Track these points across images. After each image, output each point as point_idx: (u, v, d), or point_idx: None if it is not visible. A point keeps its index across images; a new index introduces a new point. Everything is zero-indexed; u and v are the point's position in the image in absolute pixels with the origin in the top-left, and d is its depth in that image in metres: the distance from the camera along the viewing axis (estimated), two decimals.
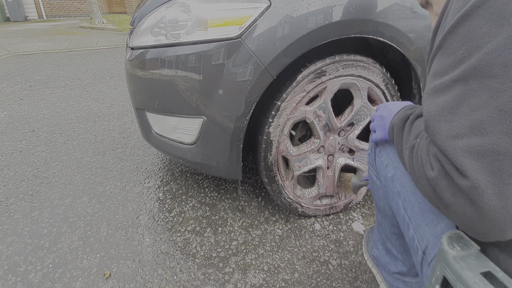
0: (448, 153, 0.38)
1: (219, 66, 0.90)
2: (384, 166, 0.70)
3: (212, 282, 0.97)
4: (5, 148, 1.82)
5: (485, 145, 0.35)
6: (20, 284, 0.96)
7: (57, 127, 2.11)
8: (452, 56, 0.39)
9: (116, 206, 1.31)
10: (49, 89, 2.94)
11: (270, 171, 1.07)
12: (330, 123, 1.05)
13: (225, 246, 1.11)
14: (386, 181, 0.69)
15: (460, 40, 0.39)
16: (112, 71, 3.63)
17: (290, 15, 0.86)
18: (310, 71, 0.95)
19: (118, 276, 0.99)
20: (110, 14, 11.81)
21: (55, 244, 1.12)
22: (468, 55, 0.38)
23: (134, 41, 1.05)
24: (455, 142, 0.38)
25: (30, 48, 5.00)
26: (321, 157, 1.13)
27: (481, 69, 0.36)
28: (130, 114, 2.33)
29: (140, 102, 1.13)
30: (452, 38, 0.40)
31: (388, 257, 0.88)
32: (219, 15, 0.90)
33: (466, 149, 0.37)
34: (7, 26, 8.51)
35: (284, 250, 1.09)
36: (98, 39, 6.00)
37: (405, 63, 1.09)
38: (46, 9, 10.92)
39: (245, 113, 0.94)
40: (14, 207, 1.31)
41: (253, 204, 1.33)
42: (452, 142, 0.38)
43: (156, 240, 1.13)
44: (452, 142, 0.38)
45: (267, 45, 0.87)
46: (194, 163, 1.10)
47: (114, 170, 1.59)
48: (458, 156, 0.37)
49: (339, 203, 1.24)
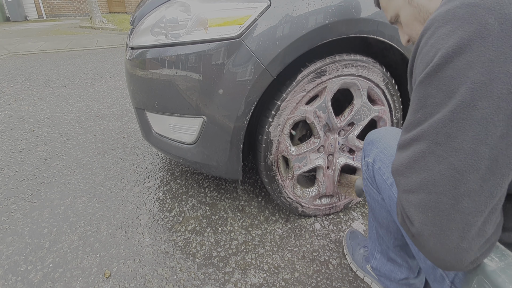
0: (403, 205, 0.45)
1: (219, 65, 0.90)
2: (388, 185, 0.68)
3: (212, 281, 0.97)
4: (5, 148, 1.82)
5: (430, 202, 0.41)
6: (21, 283, 0.96)
7: (57, 127, 2.11)
8: (413, 116, 0.44)
9: (116, 206, 1.31)
10: (49, 89, 2.94)
11: (270, 171, 1.07)
12: (330, 122, 1.05)
13: (225, 245, 1.11)
14: (392, 200, 0.67)
15: (418, 103, 0.43)
16: (112, 70, 3.63)
17: (290, 15, 0.86)
18: (310, 71, 0.95)
19: (118, 276, 0.99)
20: (110, 13, 11.81)
21: (55, 243, 1.12)
22: (423, 120, 0.42)
23: (134, 41, 1.05)
24: (408, 196, 0.44)
25: (30, 48, 5.00)
26: (321, 157, 1.13)
27: (430, 135, 0.41)
28: (130, 114, 2.33)
29: (140, 102, 1.13)
30: (414, 99, 0.44)
31: (391, 265, 0.86)
32: (219, 14, 0.90)
33: (415, 203, 0.43)
34: (7, 26, 8.51)
35: (284, 250, 1.09)
36: (98, 39, 6.00)
37: (405, 63, 1.09)
38: (46, 9, 10.92)
39: (245, 112, 0.94)
40: (14, 206, 1.31)
41: (253, 204, 1.33)
42: (406, 195, 0.44)
43: (156, 240, 1.13)
44: (406, 195, 0.44)
45: (267, 45, 0.87)
46: (194, 162, 1.10)
47: (114, 169, 1.59)
48: (410, 209, 0.44)
49: (339, 203, 1.24)
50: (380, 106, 1.09)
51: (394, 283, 0.88)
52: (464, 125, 0.38)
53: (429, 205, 0.41)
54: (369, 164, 0.75)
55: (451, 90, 0.39)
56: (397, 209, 0.48)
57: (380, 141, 0.73)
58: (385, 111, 1.10)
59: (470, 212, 0.39)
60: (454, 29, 0.39)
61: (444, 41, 0.40)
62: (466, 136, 0.38)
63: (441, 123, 0.40)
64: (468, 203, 0.39)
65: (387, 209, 0.74)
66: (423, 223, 0.42)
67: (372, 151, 0.74)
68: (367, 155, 0.76)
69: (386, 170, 0.69)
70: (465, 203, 0.39)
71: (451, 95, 0.39)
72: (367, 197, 0.81)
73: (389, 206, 0.70)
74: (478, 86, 0.37)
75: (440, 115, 0.40)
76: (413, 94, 0.44)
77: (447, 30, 0.40)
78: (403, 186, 0.45)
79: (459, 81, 0.38)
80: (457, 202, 0.40)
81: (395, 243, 0.81)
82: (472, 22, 0.37)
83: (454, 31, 0.39)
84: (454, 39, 0.38)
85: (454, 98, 0.38)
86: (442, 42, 0.40)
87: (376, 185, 0.73)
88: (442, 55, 0.39)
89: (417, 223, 0.43)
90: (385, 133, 0.75)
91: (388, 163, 0.69)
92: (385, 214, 0.76)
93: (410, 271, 0.84)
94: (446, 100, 0.39)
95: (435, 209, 0.41)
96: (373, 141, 0.75)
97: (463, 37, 0.38)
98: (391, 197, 0.67)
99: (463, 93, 0.38)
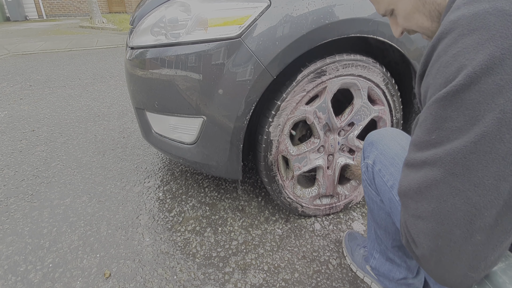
0: (410, 229, 0.43)
1: (219, 65, 0.90)
2: (388, 187, 0.67)
3: (212, 281, 0.97)
4: (5, 147, 1.82)
5: (440, 232, 0.38)
6: (20, 283, 0.96)
7: (57, 126, 2.11)
8: (427, 135, 0.39)
9: (116, 206, 1.31)
10: (49, 88, 2.93)
11: (270, 171, 1.07)
12: (330, 123, 1.05)
13: (225, 246, 1.11)
14: (392, 203, 0.66)
15: (433, 123, 0.38)
16: (112, 70, 3.63)
17: (290, 15, 0.86)
18: (310, 71, 0.94)
19: (118, 276, 0.99)
20: (110, 13, 11.80)
21: (55, 243, 1.12)
22: (438, 143, 0.38)
23: (134, 41, 1.05)
24: (417, 222, 0.41)
25: (30, 47, 5.00)
26: (321, 157, 1.13)
27: (446, 164, 0.37)
28: (130, 114, 2.33)
29: (140, 102, 1.13)
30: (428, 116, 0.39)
31: (389, 265, 0.86)
32: (219, 14, 0.90)
33: (424, 231, 0.40)
34: (7, 26, 8.50)
35: (284, 250, 1.09)
36: (98, 39, 6.00)
37: (405, 63, 1.09)
38: (46, 9, 10.92)
39: (245, 112, 0.94)
40: (14, 206, 1.31)
41: (253, 204, 1.33)
42: (414, 220, 0.41)
43: (156, 240, 1.13)
44: (414, 220, 0.41)
45: (267, 45, 0.87)
46: (194, 162, 1.10)
47: (114, 169, 1.59)
48: (418, 235, 0.41)
49: (339, 203, 1.23)
50: (380, 106, 1.09)
51: (393, 283, 0.88)
52: (486, 159, 0.34)
53: (439, 235, 0.39)
54: (368, 166, 0.74)
55: (475, 116, 0.34)
56: (401, 230, 0.46)
57: (380, 143, 0.72)
58: (385, 111, 1.10)
59: (483, 246, 0.37)
60: (483, 42, 0.33)
61: (470, 56, 0.34)
62: (488, 172, 0.34)
63: (460, 153, 0.35)
64: (482, 237, 0.36)
65: (386, 211, 0.74)
66: (431, 250, 0.40)
67: (372, 152, 0.73)
68: (367, 156, 0.75)
69: (386, 172, 0.68)
70: (479, 237, 0.37)
71: (475, 122, 0.34)
72: (366, 198, 0.81)
73: (388, 208, 0.69)
74: (508, 116, 0.32)
75: (459, 143, 0.35)
76: (428, 110, 0.39)
77: (474, 41, 0.34)
78: (411, 210, 0.42)
79: (485, 107, 0.33)
80: (470, 236, 0.37)
81: (393, 244, 0.81)
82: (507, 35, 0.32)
83: (483, 44, 0.33)
84: (483, 55, 0.33)
85: (478, 127, 0.34)
86: (467, 56, 0.34)
87: (375, 187, 0.73)
88: (468, 74, 0.34)
89: (425, 249, 0.41)
90: (386, 134, 0.74)
91: (388, 165, 0.68)
92: (383, 216, 0.76)
93: (408, 271, 0.84)
94: (468, 127, 0.34)
95: (446, 239, 0.38)
96: (373, 143, 0.75)
97: (494, 54, 0.32)
98: (391, 199, 0.66)
99: (489, 122, 0.33)
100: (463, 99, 0.34)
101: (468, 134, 0.35)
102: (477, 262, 0.38)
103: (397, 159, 0.67)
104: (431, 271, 0.42)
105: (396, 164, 0.66)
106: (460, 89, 0.34)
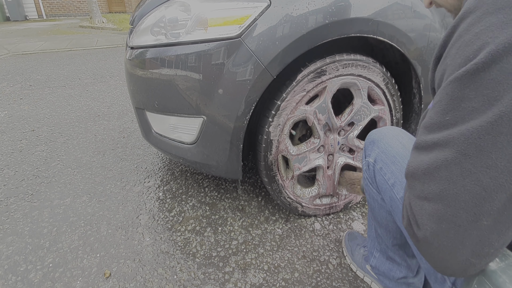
0: (414, 210, 0.42)
1: (219, 65, 0.90)
2: (389, 185, 0.67)
3: (212, 281, 0.97)
4: (5, 147, 1.82)
5: (446, 215, 0.38)
6: (20, 283, 0.96)
7: (57, 126, 2.11)
8: (441, 116, 0.38)
9: (116, 206, 1.31)
10: (49, 88, 2.93)
11: (270, 171, 1.07)
12: (330, 122, 1.05)
13: (225, 245, 1.11)
14: (393, 201, 0.66)
15: (449, 103, 0.37)
16: (112, 70, 3.62)
17: (290, 14, 0.86)
18: (310, 71, 0.95)
19: (118, 276, 0.99)
20: (110, 13, 11.80)
21: (55, 243, 1.12)
22: (452, 124, 0.37)
23: (134, 41, 1.05)
24: (422, 203, 0.41)
25: (30, 47, 4.99)
26: (321, 157, 1.13)
27: (459, 145, 0.36)
28: (130, 114, 2.33)
29: (140, 102, 1.13)
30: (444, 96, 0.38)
31: (389, 264, 0.86)
32: (219, 14, 0.90)
33: (430, 212, 0.40)
34: (7, 26, 8.50)
35: (284, 250, 1.09)
36: (98, 39, 6.00)
37: (405, 63, 1.09)
38: (46, 9, 10.92)
39: (245, 112, 0.94)
40: (14, 206, 1.31)
41: (253, 204, 1.33)
42: (420, 202, 0.41)
43: (156, 240, 1.13)
44: (420, 202, 0.41)
45: (267, 45, 0.87)
46: (194, 162, 1.10)
47: (114, 169, 1.59)
48: (422, 216, 0.41)
49: (339, 203, 1.24)
50: (380, 106, 1.09)
51: (392, 282, 0.88)
52: (502, 140, 0.33)
53: (445, 217, 0.38)
54: (370, 164, 0.74)
55: (494, 96, 0.33)
56: (403, 211, 0.46)
57: (381, 141, 0.72)
58: (385, 111, 1.10)
59: (488, 231, 0.36)
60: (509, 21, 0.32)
61: (493, 34, 0.33)
62: (502, 154, 0.33)
63: (475, 133, 0.34)
64: (489, 221, 0.36)
65: (387, 209, 0.74)
66: (434, 233, 0.39)
67: (374, 151, 0.73)
68: (368, 154, 0.76)
69: (387, 171, 0.68)
70: (485, 221, 0.36)
71: (493, 102, 0.33)
72: (366, 196, 0.81)
73: (389, 206, 0.69)
74: None
75: (475, 124, 0.34)
76: (443, 91, 0.38)
77: (499, 20, 0.33)
78: (418, 192, 0.41)
79: (505, 87, 0.32)
80: (477, 219, 0.36)
81: (393, 242, 0.81)
82: None
83: (508, 23, 0.32)
84: (508, 34, 0.32)
85: (496, 107, 0.33)
86: (491, 34, 0.33)
87: (377, 185, 0.73)
88: (490, 51, 0.33)
89: (428, 231, 0.40)
90: (387, 132, 0.74)
91: (389, 163, 0.68)
92: (384, 214, 0.76)
93: (408, 270, 0.84)
94: (485, 107, 0.34)
95: (451, 222, 0.38)
96: (374, 141, 0.75)
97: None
98: (392, 198, 0.66)
99: (508, 102, 0.32)
100: (482, 78, 0.33)
101: (485, 114, 0.33)
102: (481, 248, 0.37)
103: (399, 158, 0.67)
104: (431, 256, 0.41)
105: (398, 163, 0.66)
106: (480, 67, 0.33)
